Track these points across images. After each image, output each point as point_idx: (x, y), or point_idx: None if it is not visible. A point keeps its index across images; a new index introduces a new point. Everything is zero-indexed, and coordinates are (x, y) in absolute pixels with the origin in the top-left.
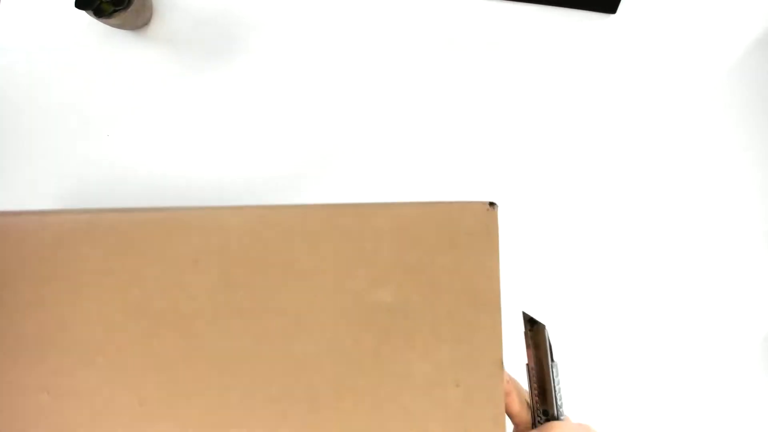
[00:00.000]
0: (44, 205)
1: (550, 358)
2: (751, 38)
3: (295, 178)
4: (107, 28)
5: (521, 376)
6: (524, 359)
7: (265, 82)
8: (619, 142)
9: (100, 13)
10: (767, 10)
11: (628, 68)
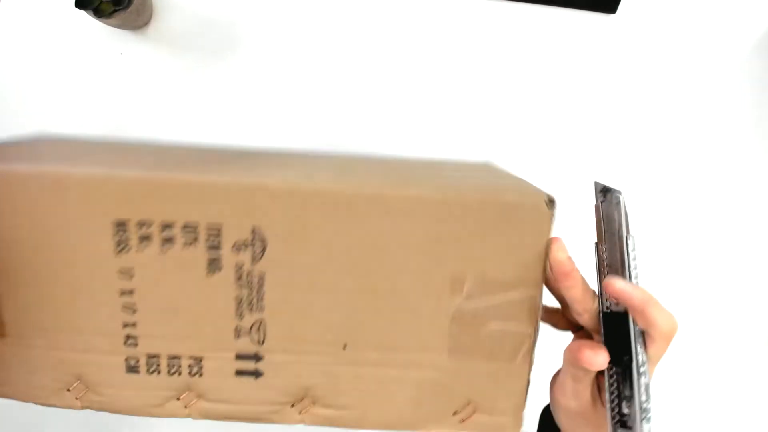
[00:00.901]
0: None
1: (626, 230)
2: (751, 38)
3: None
4: (107, 28)
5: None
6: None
7: (264, 81)
8: (619, 141)
9: (100, 13)
10: (767, 10)
11: (628, 68)
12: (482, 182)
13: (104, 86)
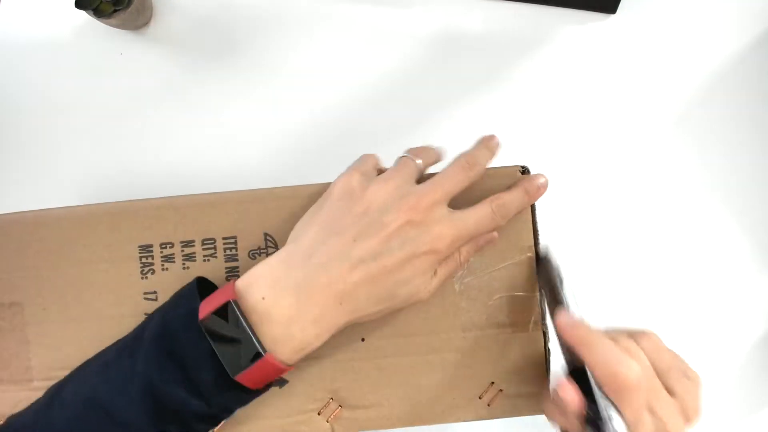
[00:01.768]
0: (44, 204)
1: (559, 281)
2: (751, 38)
3: (295, 176)
4: (107, 28)
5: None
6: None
7: (265, 81)
8: (618, 141)
9: (100, 13)
10: (767, 10)
11: (627, 68)
12: None
13: (104, 86)
